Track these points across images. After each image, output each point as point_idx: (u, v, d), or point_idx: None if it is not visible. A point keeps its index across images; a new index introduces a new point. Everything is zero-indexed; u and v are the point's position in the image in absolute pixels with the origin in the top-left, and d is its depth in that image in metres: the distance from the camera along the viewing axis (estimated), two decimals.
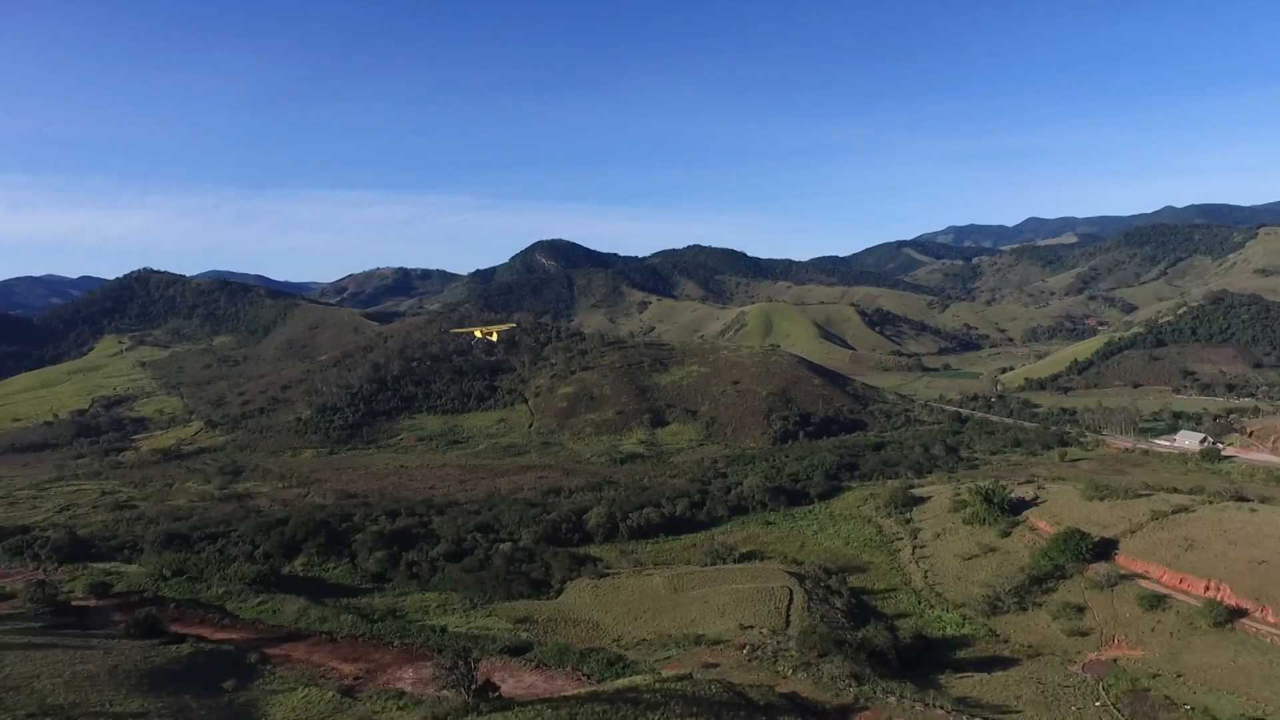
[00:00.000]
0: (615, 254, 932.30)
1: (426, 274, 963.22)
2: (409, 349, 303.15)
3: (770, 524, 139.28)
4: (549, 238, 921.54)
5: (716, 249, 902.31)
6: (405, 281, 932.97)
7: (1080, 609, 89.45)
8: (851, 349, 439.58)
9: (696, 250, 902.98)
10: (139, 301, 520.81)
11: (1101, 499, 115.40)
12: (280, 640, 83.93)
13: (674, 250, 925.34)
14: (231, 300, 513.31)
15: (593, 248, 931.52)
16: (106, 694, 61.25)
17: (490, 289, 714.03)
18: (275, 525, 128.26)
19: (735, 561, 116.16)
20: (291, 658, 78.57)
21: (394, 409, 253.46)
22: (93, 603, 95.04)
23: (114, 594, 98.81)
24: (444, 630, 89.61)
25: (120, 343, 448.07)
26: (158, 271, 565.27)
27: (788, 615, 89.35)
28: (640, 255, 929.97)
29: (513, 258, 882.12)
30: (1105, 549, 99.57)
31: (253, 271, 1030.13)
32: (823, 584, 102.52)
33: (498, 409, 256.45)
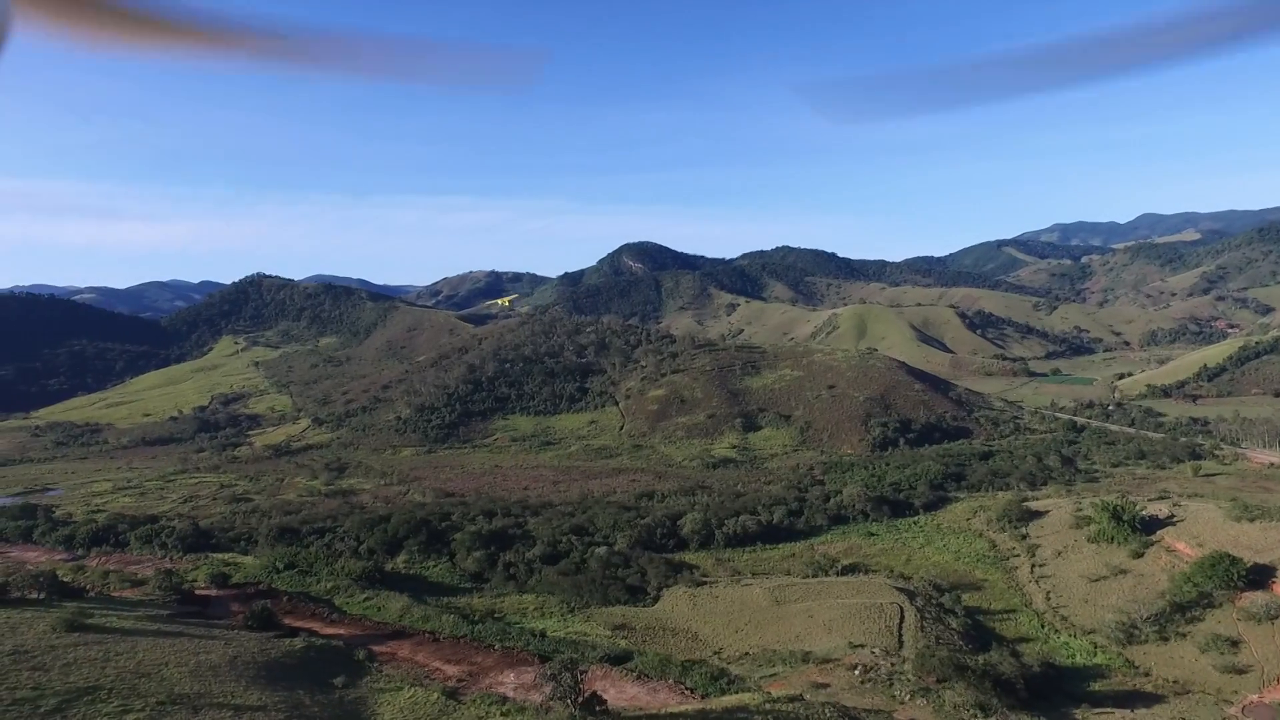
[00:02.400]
0: (702, 256, 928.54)
1: (517, 277, 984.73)
2: (502, 350, 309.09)
3: (873, 535, 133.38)
4: (636, 240, 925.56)
5: (806, 250, 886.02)
6: (497, 284, 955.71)
7: (1234, 643, 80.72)
8: (951, 353, 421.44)
9: (785, 251, 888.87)
10: (253, 304, 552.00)
11: (1252, 520, 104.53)
12: (385, 637, 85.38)
13: (762, 251, 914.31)
14: (335, 303, 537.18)
15: (679, 249, 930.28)
16: (228, 685, 63.09)
17: (579, 291, 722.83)
18: (378, 522, 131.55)
19: (838, 574, 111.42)
20: (397, 656, 79.63)
21: (488, 409, 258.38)
22: (214, 592, 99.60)
23: (232, 584, 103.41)
24: (543, 634, 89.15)
25: (236, 343, 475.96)
26: (269, 276, 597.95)
27: (900, 634, 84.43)
28: (727, 257, 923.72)
29: (600, 260, 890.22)
30: (1261, 576, 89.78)
31: (354, 275, 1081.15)
32: (935, 601, 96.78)
33: (589, 411, 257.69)
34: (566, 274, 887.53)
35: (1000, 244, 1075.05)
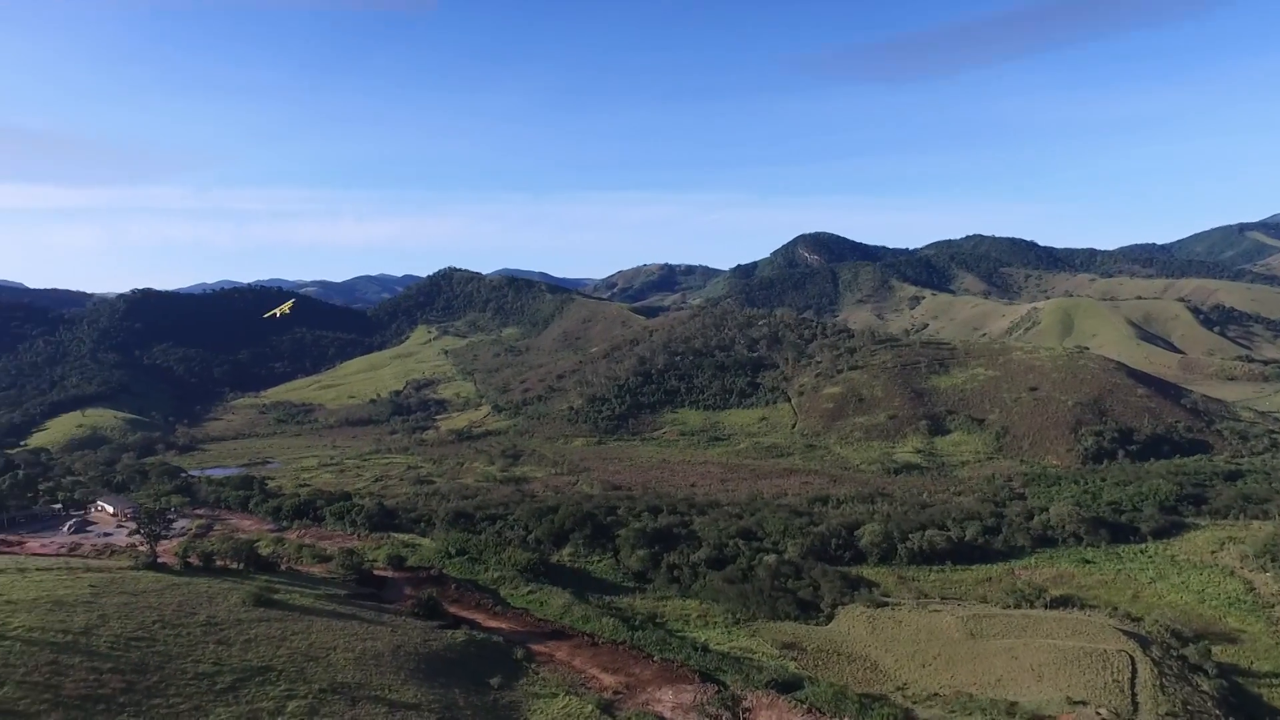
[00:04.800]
0: (883, 246, 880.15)
1: (690, 269, 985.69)
2: (673, 343, 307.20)
3: (1088, 563, 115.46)
4: (811, 230, 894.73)
5: (1001, 238, 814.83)
6: (670, 277, 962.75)
7: None
8: (1180, 353, 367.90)
9: (977, 240, 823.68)
10: (444, 296, 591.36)
11: None
12: (545, 636, 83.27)
13: (950, 241, 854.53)
14: (517, 295, 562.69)
15: (858, 240, 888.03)
16: (388, 677, 62.82)
17: (751, 283, 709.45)
18: (547, 513, 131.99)
19: (1046, 606, 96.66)
20: (555, 658, 76.98)
21: (658, 402, 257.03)
22: (390, 573, 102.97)
23: (407, 567, 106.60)
24: (705, 648, 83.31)
25: (429, 332, 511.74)
26: (459, 269, 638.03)
27: (1133, 693, 70.13)
28: (911, 247, 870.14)
29: (774, 252, 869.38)
30: None
31: (535, 269, 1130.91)
32: (1175, 653, 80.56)
33: (759, 406, 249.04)
34: (739, 266, 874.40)
35: (1243, 228, 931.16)
